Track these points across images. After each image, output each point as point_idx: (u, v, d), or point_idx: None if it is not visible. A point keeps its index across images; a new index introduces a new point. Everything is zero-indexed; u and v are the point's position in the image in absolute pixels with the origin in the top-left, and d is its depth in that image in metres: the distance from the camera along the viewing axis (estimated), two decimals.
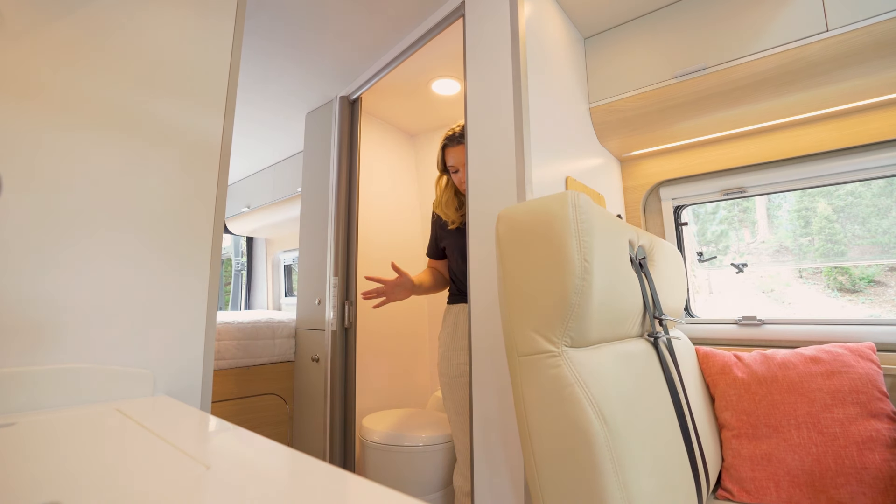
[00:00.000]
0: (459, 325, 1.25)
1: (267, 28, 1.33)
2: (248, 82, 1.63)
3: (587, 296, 0.59)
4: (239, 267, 3.15)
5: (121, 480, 0.33)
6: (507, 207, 0.66)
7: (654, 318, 0.82)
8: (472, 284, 1.00)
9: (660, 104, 1.19)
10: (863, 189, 1.33)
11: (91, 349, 0.63)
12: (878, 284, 1.45)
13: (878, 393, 0.89)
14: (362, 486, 0.32)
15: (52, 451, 0.40)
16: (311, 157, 1.81)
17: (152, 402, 0.62)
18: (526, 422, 0.60)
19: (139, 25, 0.72)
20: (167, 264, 0.72)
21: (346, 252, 1.58)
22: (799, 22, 0.98)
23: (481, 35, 1.06)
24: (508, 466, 0.88)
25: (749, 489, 0.91)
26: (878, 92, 1.03)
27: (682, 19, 1.16)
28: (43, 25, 0.62)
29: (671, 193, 1.45)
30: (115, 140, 0.68)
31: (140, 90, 0.71)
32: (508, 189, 0.94)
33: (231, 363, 1.62)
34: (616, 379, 0.63)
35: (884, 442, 0.84)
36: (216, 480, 0.33)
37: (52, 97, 0.62)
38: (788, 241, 1.48)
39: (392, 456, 1.34)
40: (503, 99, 0.98)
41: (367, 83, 1.56)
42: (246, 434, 0.45)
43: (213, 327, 0.77)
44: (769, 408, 0.95)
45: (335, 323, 1.53)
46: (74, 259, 0.62)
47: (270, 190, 2.47)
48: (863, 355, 0.95)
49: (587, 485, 0.54)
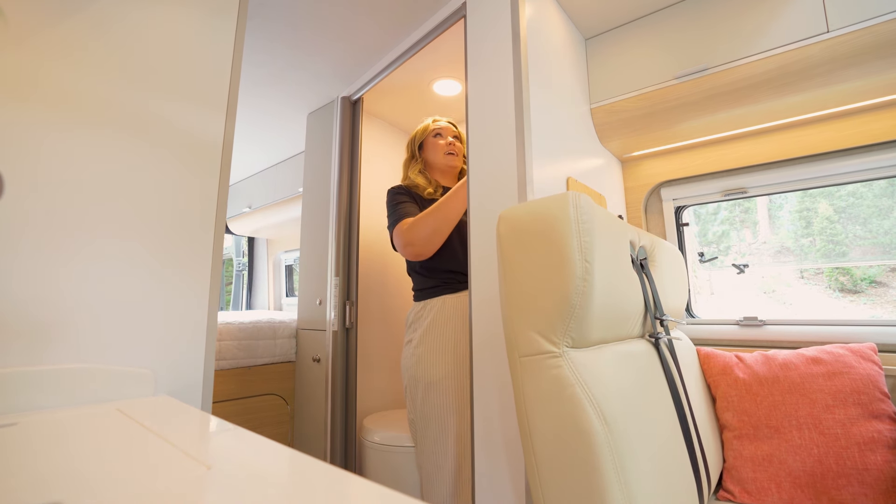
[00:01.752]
0: (438, 322, 1.16)
1: (268, 28, 1.33)
2: (249, 82, 1.63)
3: (588, 296, 0.59)
4: (240, 267, 3.16)
5: (122, 480, 0.33)
6: (509, 208, 0.66)
7: (655, 318, 0.82)
8: (473, 284, 1.00)
9: (661, 105, 1.19)
10: (864, 190, 1.33)
11: (92, 349, 0.63)
12: (879, 285, 1.45)
13: (880, 394, 0.89)
14: (363, 487, 0.32)
15: (54, 452, 0.40)
16: (312, 157, 1.81)
17: (153, 402, 0.62)
18: (527, 422, 0.60)
19: (140, 26, 0.72)
20: (168, 264, 0.72)
21: (347, 252, 1.58)
22: (800, 23, 0.98)
23: (482, 36, 1.06)
24: (509, 466, 0.88)
25: (750, 490, 0.91)
26: (880, 93, 1.03)
27: (683, 20, 1.16)
28: (44, 25, 0.62)
29: (672, 194, 1.44)
30: (118, 140, 0.68)
31: (142, 90, 0.71)
32: (509, 189, 0.94)
33: (232, 363, 1.62)
34: (617, 379, 0.63)
35: (885, 443, 0.84)
36: (217, 481, 0.33)
37: (54, 97, 0.62)
38: (790, 241, 1.48)
39: (393, 456, 1.34)
40: (504, 100, 0.98)
41: (369, 84, 1.56)
42: (247, 434, 0.45)
43: (214, 327, 0.77)
44: (770, 409, 0.95)
45: (336, 323, 1.53)
46: (76, 259, 0.62)
47: (272, 190, 2.47)
48: (864, 356, 0.95)
49: (588, 485, 0.54)
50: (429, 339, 1.17)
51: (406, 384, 1.21)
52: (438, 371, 1.13)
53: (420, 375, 1.15)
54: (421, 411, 1.14)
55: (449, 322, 1.18)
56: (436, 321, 1.18)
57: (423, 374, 1.14)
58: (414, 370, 1.17)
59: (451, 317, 1.18)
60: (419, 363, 1.16)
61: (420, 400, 1.15)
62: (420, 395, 1.14)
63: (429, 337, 1.17)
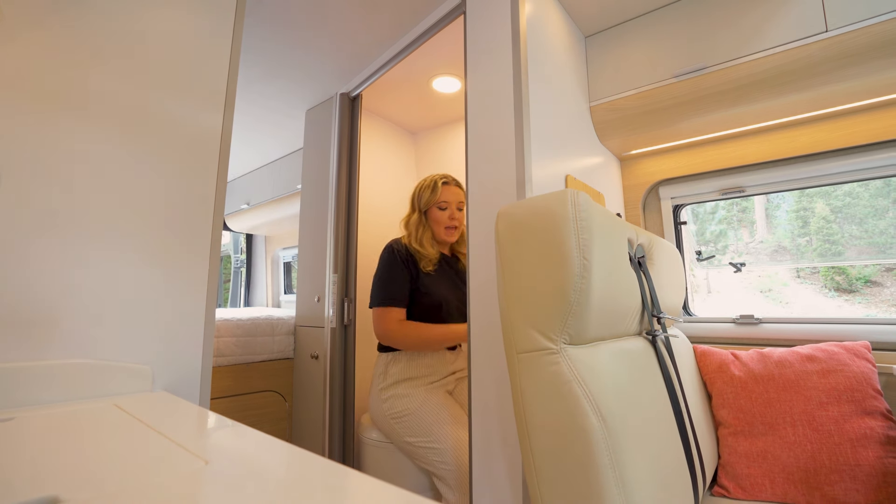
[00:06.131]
0: (407, 374, 1.25)
1: (267, 24, 1.33)
2: (248, 79, 1.63)
3: (586, 293, 0.59)
4: (238, 264, 3.15)
5: (119, 475, 0.33)
6: (507, 205, 0.66)
7: (652, 316, 0.83)
8: (471, 281, 1.00)
9: (660, 103, 1.19)
10: (860, 190, 1.33)
11: (90, 345, 0.63)
12: (874, 284, 1.46)
13: (873, 391, 0.90)
14: (360, 481, 0.32)
15: (51, 446, 0.40)
16: (311, 153, 1.80)
17: (151, 397, 0.62)
18: (524, 418, 0.61)
19: (138, 22, 0.72)
20: (166, 260, 0.72)
21: (345, 249, 1.58)
22: (798, 22, 0.98)
23: (482, 32, 1.06)
24: (506, 462, 0.88)
25: (745, 486, 0.91)
26: (877, 93, 1.03)
27: (682, 19, 1.16)
28: (41, 22, 0.62)
29: (670, 192, 1.45)
30: (115, 137, 0.68)
31: (139, 86, 0.71)
32: (508, 187, 0.94)
33: (230, 360, 1.62)
34: (614, 376, 0.63)
35: (877, 439, 0.85)
36: (215, 475, 0.33)
37: (50, 93, 0.62)
38: (787, 240, 1.48)
39: (390, 453, 1.34)
40: (503, 97, 0.98)
41: (368, 80, 1.56)
42: (245, 430, 0.46)
43: (212, 323, 0.77)
44: (765, 405, 0.96)
45: (334, 320, 1.54)
46: (73, 255, 0.62)
47: (270, 187, 2.46)
48: (858, 354, 0.96)
49: (585, 481, 0.54)
50: (420, 380, 1.26)
51: (387, 422, 1.26)
52: (413, 403, 1.21)
53: (397, 412, 1.22)
54: (414, 436, 1.20)
55: (420, 368, 1.29)
56: (404, 373, 1.26)
57: (400, 409, 1.22)
58: (389, 412, 1.24)
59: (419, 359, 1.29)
60: (393, 406, 1.23)
61: (411, 430, 1.21)
62: (405, 422, 1.22)
63: (419, 379, 1.27)
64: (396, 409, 1.23)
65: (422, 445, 1.17)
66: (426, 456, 1.16)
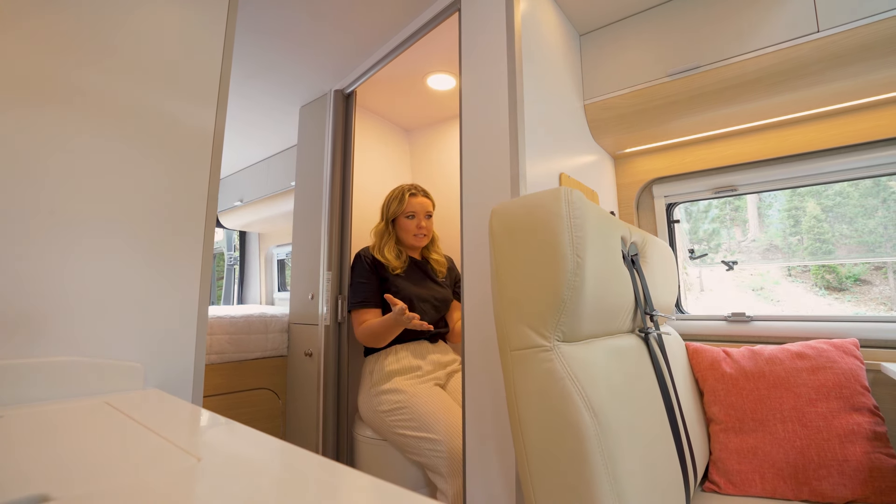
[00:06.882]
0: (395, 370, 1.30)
1: (260, 20, 1.31)
2: (241, 75, 1.61)
3: (579, 291, 0.59)
4: (231, 261, 3.13)
5: (110, 472, 0.32)
6: (501, 203, 0.66)
7: (645, 313, 0.83)
8: (465, 278, 1.00)
9: (653, 102, 1.20)
10: (851, 189, 1.35)
11: (81, 342, 0.62)
12: (863, 283, 1.48)
13: (861, 388, 0.92)
14: (354, 478, 0.32)
15: (40, 444, 0.40)
16: (304, 150, 1.79)
17: (143, 395, 0.62)
18: (518, 415, 0.61)
19: (130, 17, 0.71)
20: (158, 257, 0.72)
21: (339, 247, 1.57)
22: (791, 23, 0.99)
23: (477, 30, 1.06)
24: (499, 458, 0.89)
25: (735, 482, 0.93)
26: (868, 93, 1.04)
27: (676, 18, 1.17)
28: (33, 17, 0.61)
29: (664, 191, 1.46)
30: (106, 133, 0.67)
31: (130, 82, 0.70)
32: (502, 184, 0.94)
33: (224, 357, 1.61)
34: (607, 373, 0.63)
35: (864, 435, 0.86)
36: (207, 472, 0.33)
37: (42, 89, 0.61)
38: (778, 239, 1.50)
39: (384, 451, 1.34)
40: (498, 94, 0.98)
41: (362, 77, 1.55)
42: (238, 427, 0.45)
43: (204, 321, 0.77)
44: (756, 402, 0.97)
45: (328, 318, 1.53)
46: (65, 251, 0.61)
47: (264, 184, 2.45)
48: (847, 351, 0.97)
49: (577, 477, 0.55)
50: (409, 377, 1.31)
51: (378, 418, 1.29)
52: (403, 395, 1.25)
53: (387, 407, 1.26)
54: (405, 429, 1.22)
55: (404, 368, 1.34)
56: (393, 370, 1.32)
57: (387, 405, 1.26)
58: (379, 407, 1.28)
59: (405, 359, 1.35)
60: (383, 402, 1.27)
61: (399, 417, 1.23)
62: (396, 415, 1.24)
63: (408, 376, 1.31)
64: (387, 404, 1.26)
65: (414, 436, 1.18)
66: (418, 446, 1.17)
